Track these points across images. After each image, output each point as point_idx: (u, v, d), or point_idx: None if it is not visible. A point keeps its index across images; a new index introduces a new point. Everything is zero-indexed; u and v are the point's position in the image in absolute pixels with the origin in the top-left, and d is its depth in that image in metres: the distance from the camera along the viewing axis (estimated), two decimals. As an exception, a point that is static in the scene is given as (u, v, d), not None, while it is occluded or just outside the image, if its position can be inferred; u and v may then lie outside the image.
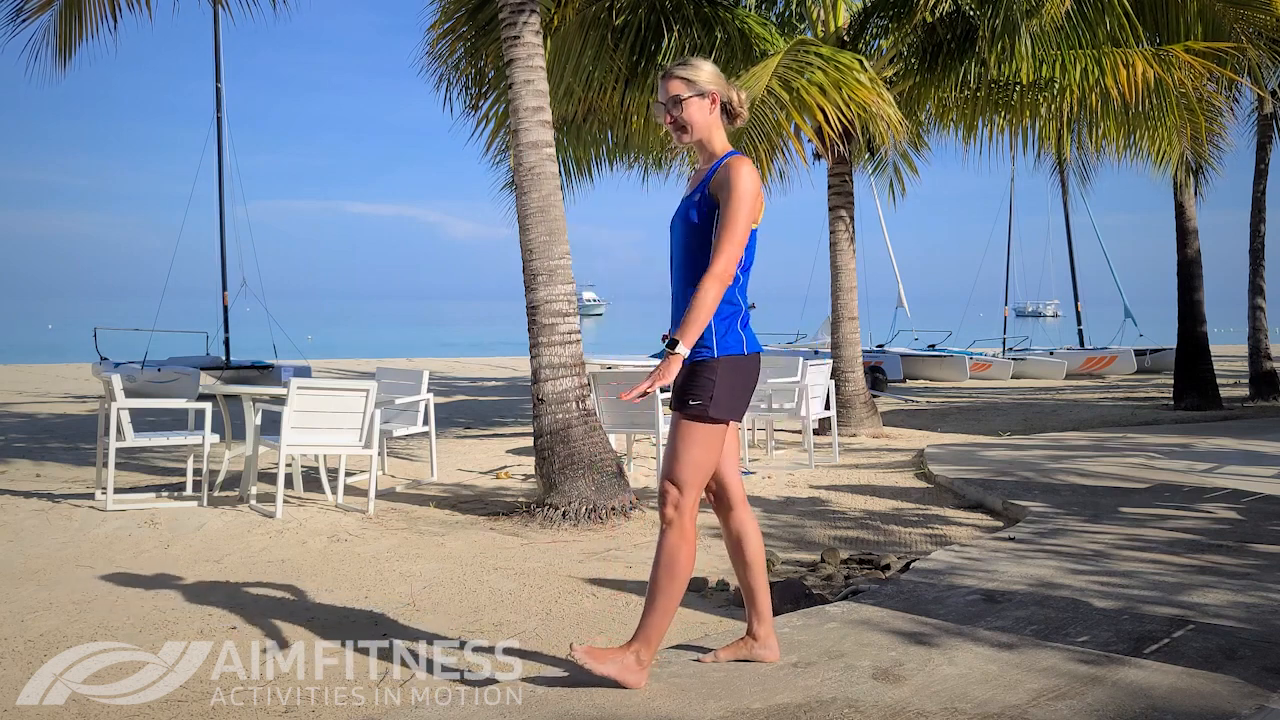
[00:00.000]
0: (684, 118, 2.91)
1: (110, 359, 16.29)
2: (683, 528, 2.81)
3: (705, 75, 2.92)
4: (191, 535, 5.52)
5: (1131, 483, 6.72)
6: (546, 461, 6.09)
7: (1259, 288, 14.31)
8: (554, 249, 6.16)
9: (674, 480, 2.81)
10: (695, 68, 2.93)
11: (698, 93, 2.91)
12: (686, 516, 2.81)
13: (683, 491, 2.80)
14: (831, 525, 5.83)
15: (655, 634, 2.85)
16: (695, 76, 2.92)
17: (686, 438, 2.82)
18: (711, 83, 2.93)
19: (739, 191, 2.77)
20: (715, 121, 2.94)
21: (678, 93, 2.91)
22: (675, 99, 2.91)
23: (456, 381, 19.70)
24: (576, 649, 2.82)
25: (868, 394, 10.70)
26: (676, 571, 2.81)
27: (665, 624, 2.86)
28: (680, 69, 2.93)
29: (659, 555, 2.83)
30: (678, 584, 2.83)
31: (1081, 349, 23.20)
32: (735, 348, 2.83)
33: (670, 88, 2.92)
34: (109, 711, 3.07)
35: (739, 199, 2.77)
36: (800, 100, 8.24)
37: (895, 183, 12.94)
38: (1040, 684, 2.87)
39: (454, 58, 9.25)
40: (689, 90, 2.91)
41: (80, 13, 7.88)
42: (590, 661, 2.80)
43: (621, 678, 2.81)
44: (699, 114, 2.91)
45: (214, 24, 17.45)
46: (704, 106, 2.92)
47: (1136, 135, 10.00)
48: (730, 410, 2.83)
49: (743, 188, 2.77)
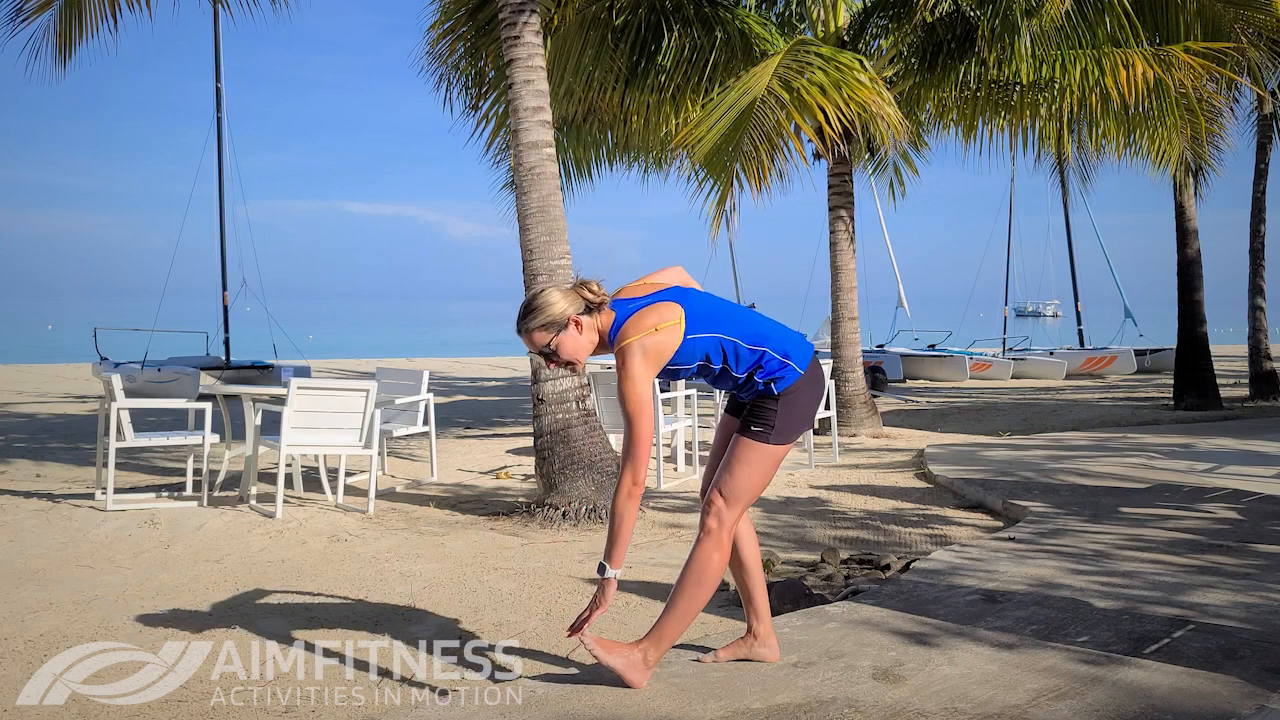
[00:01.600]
0: (565, 355, 2.86)
1: (110, 359, 16.28)
2: (720, 540, 2.82)
3: (555, 310, 2.83)
4: (191, 535, 5.52)
5: (1132, 483, 6.72)
6: (546, 461, 6.09)
7: (1259, 288, 14.31)
8: (554, 249, 6.16)
9: (723, 492, 2.84)
10: (540, 310, 2.84)
11: (558, 329, 2.84)
12: (726, 531, 2.83)
13: (729, 505, 2.83)
14: (831, 525, 5.83)
15: (668, 637, 2.86)
16: (547, 319, 2.83)
17: (746, 457, 2.84)
18: (563, 309, 2.83)
19: (626, 388, 2.74)
20: (587, 329, 2.86)
21: (544, 343, 2.85)
22: (546, 349, 2.86)
23: (456, 381, 19.70)
24: (586, 636, 2.81)
25: (868, 394, 10.70)
26: (705, 580, 2.82)
27: (680, 630, 2.87)
28: (529, 319, 2.84)
29: (691, 562, 2.84)
30: (703, 593, 2.83)
31: (1081, 349, 23.19)
32: (789, 378, 2.85)
33: (535, 341, 2.85)
34: (109, 711, 3.07)
35: (629, 397, 2.73)
36: (800, 100, 8.23)
37: (895, 183, 12.95)
38: (1040, 684, 2.87)
39: (454, 58, 9.25)
40: (550, 333, 2.84)
41: (80, 12, 7.88)
42: (599, 650, 2.81)
43: (625, 673, 2.82)
44: (572, 343, 2.85)
45: (214, 24, 17.47)
46: (571, 335, 2.84)
47: (1136, 135, 9.99)
48: (791, 434, 2.87)
49: (627, 384, 2.74)
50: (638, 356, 2.75)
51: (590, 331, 2.87)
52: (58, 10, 7.93)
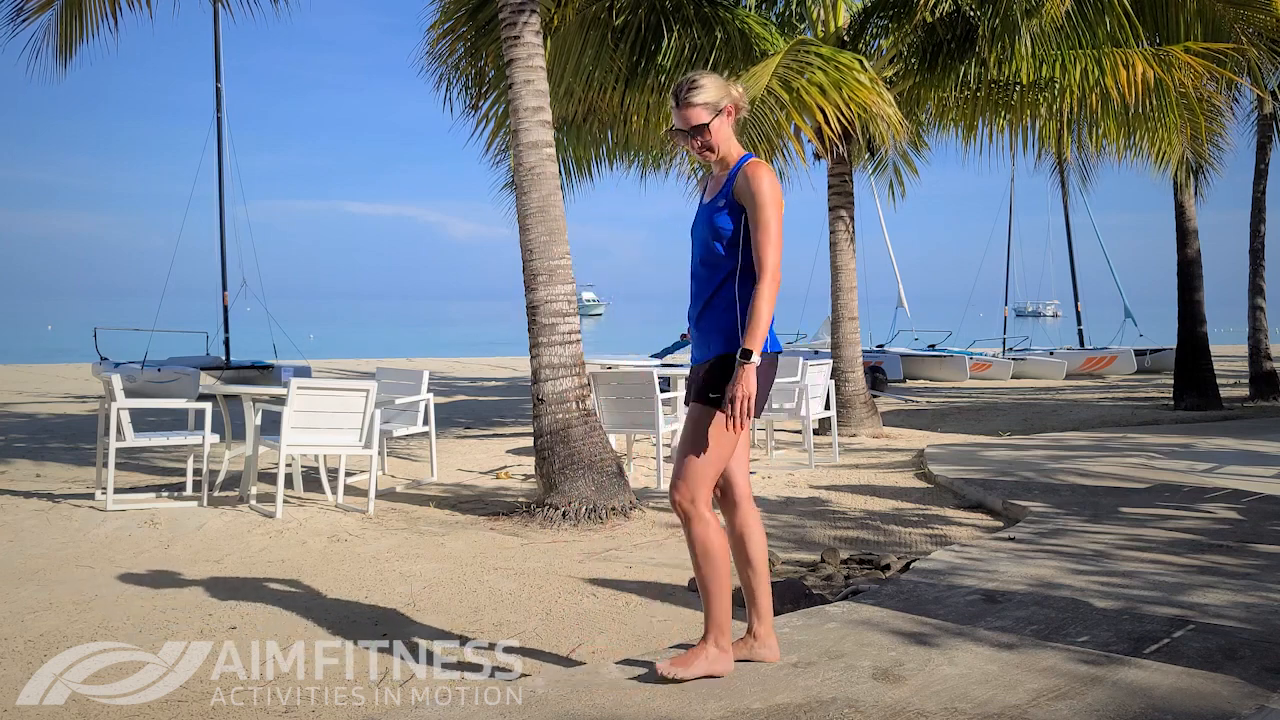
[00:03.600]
0: (712, 141, 2.93)
1: (110, 359, 16.27)
2: (701, 515, 2.87)
3: (715, 91, 2.92)
4: (191, 535, 5.52)
5: (1132, 483, 6.72)
6: (546, 461, 6.08)
7: (1259, 288, 14.31)
8: (554, 249, 6.16)
9: (686, 472, 2.86)
10: (704, 88, 2.92)
11: (716, 112, 2.92)
12: (701, 504, 2.87)
13: (694, 483, 2.85)
14: (832, 525, 5.83)
15: (724, 619, 2.92)
16: (710, 97, 2.91)
17: (703, 428, 2.86)
18: (723, 95, 2.93)
19: (766, 198, 2.85)
20: (731, 129, 2.97)
21: (701, 121, 2.91)
22: (700, 127, 2.92)
23: (456, 381, 19.70)
24: (661, 666, 2.87)
25: (868, 394, 10.70)
26: (713, 556, 2.88)
27: (728, 605, 2.92)
28: (693, 93, 2.91)
29: (692, 549, 2.89)
30: (721, 567, 2.89)
31: (1081, 349, 23.19)
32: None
33: (691, 117, 2.91)
34: (109, 711, 3.07)
35: (769, 204, 2.85)
36: (800, 100, 8.23)
37: (895, 183, 12.95)
38: (1040, 684, 2.87)
39: (454, 58, 9.25)
40: (709, 114, 2.91)
41: (81, 12, 7.88)
42: (680, 671, 2.86)
43: (713, 670, 2.89)
44: (722, 131, 2.94)
45: (214, 24, 17.45)
46: (724, 123, 2.94)
47: (1136, 135, 10.00)
48: None
49: (767, 193, 2.85)
50: (769, 179, 2.87)
51: (731, 131, 2.97)
52: (58, 10, 7.93)
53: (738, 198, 2.89)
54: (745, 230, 2.88)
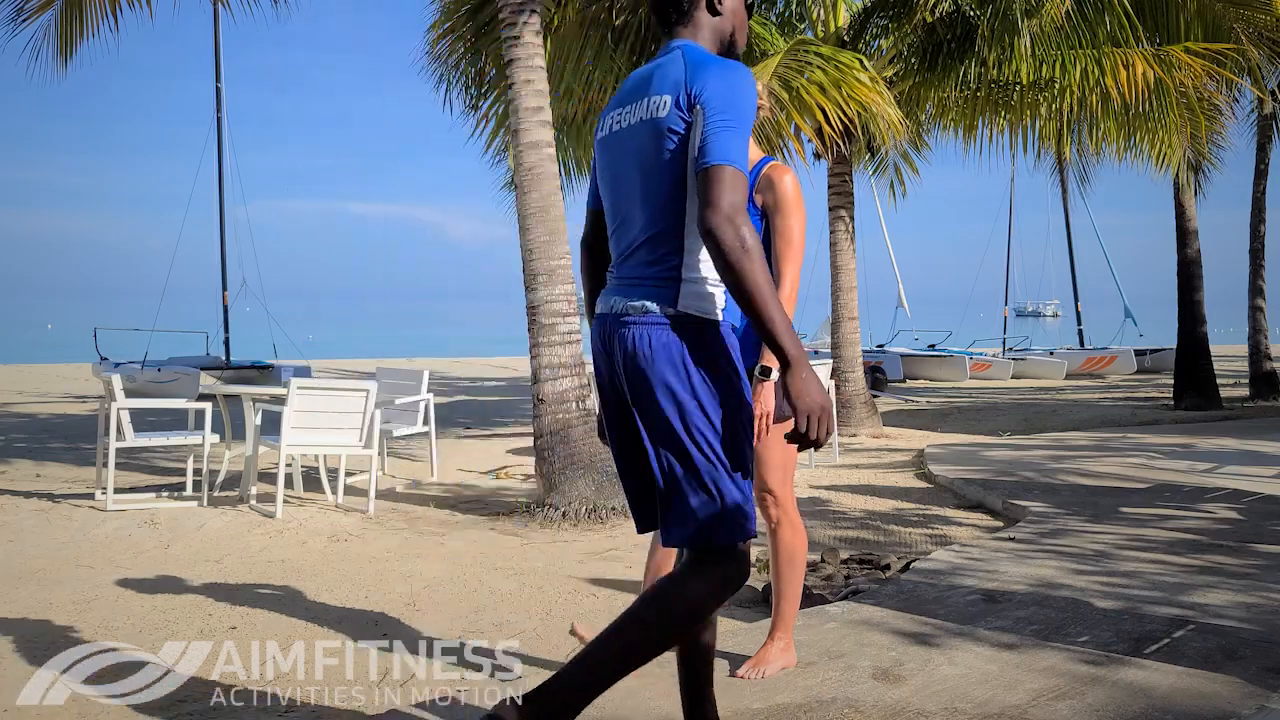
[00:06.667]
0: None
1: (110, 359, 16.27)
2: (792, 522, 2.92)
3: None
4: (191, 535, 5.52)
5: (1132, 483, 6.72)
6: (546, 461, 6.09)
7: (1259, 288, 14.31)
8: (554, 249, 6.16)
9: (765, 485, 2.89)
10: None
11: None
12: (789, 508, 2.91)
13: (776, 490, 2.89)
14: (832, 525, 5.83)
15: (792, 618, 3.00)
16: None
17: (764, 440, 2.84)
18: None
19: (790, 204, 2.76)
20: None
21: None
22: None
23: (456, 381, 19.70)
24: (744, 671, 2.90)
25: (868, 394, 10.70)
26: (796, 560, 2.95)
27: (797, 606, 3.01)
28: None
29: (778, 552, 2.94)
30: (800, 570, 2.97)
31: (1081, 349, 23.20)
32: None
33: None
34: (109, 711, 3.07)
35: (793, 212, 2.75)
36: (800, 100, 8.23)
37: (895, 183, 12.93)
38: (1040, 684, 2.87)
39: (454, 58, 9.25)
40: None
41: (81, 12, 7.89)
42: (763, 670, 2.90)
43: (787, 665, 2.96)
44: None
45: (214, 23, 17.47)
46: None
47: (1136, 135, 10.00)
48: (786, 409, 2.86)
49: (792, 200, 2.77)
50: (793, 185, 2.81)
51: None
52: (58, 10, 7.93)
53: (759, 202, 2.81)
54: (766, 235, 2.78)
